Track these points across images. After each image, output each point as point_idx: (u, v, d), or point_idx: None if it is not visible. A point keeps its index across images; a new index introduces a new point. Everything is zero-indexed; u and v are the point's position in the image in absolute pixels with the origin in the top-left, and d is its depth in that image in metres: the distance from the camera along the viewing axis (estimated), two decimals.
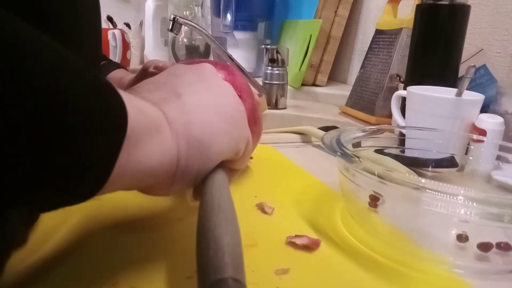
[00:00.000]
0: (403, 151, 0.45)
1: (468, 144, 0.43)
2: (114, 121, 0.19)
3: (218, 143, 0.25)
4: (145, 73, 0.43)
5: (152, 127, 0.22)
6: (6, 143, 0.14)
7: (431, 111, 0.51)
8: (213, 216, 0.22)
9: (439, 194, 0.26)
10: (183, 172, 0.23)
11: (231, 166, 0.28)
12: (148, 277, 0.26)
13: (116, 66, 0.53)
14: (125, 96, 0.20)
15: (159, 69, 0.42)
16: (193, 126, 0.24)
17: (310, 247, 0.30)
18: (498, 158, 0.41)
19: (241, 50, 1.15)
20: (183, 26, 0.76)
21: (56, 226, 0.31)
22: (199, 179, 0.25)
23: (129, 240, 0.30)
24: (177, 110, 0.24)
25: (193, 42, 1.21)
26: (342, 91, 0.93)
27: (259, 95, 0.80)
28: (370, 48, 0.82)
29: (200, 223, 0.22)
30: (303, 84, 1.02)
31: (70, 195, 0.18)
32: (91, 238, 0.30)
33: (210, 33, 1.17)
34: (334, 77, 1.12)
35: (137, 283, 0.25)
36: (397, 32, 0.74)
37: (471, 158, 0.43)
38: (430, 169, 0.45)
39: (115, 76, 0.49)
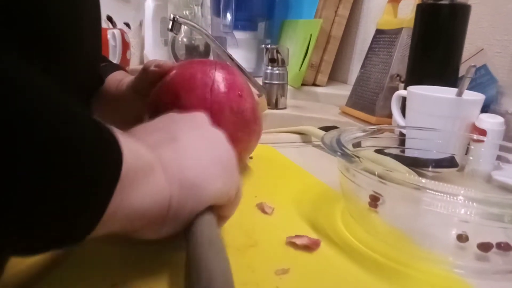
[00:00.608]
0: (403, 151, 0.45)
1: (468, 144, 0.43)
2: (110, 166, 0.19)
3: (211, 187, 0.25)
4: (145, 73, 0.43)
5: (146, 169, 0.22)
6: (5, 186, 0.14)
7: (431, 111, 0.51)
8: (204, 250, 0.22)
9: (439, 194, 0.26)
10: (175, 214, 0.24)
11: (220, 213, 0.28)
12: (148, 277, 0.26)
13: (115, 67, 0.53)
14: (122, 139, 0.20)
15: (160, 68, 0.42)
16: (187, 169, 0.25)
17: (310, 247, 0.30)
18: (498, 158, 0.41)
19: (241, 50, 1.15)
20: (183, 25, 0.76)
21: None
22: (190, 221, 0.25)
23: (129, 240, 0.30)
24: (172, 153, 0.25)
25: (193, 41, 1.21)
26: (342, 91, 0.93)
27: (259, 95, 0.80)
28: (370, 48, 0.82)
29: (190, 256, 0.23)
30: (303, 84, 1.02)
31: (60, 239, 0.18)
32: (91, 239, 0.30)
33: (210, 32, 1.17)
34: (334, 77, 1.12)
35: (136, 284, 0.25)
36: (397, 32, 0.74)
37: (471, 158, 0.43)
38: (430, 169, 0.45)
39: (114, 78, 0.49)
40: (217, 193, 0.26)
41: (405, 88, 0.59)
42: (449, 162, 0.44)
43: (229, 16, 1.12)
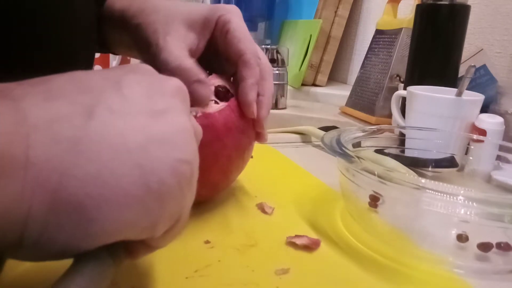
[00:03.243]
0: (403, 151, 0.45)
1: (468, 144, 0.43)
2: None
3: (115, 217, 0.15)
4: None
5: None
6: None
7: (431, 111, 0.51)
8: None
9: (439, 194, 0.26)
10: (35, 242, 0.15)
11: (143, 241, 0.19)
12: (148, 277, 0.26)
13: None
14: None
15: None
16: (75, 179, 0.15)
17: (310, 247, 0.30)
18: (498, 158, 0.41)
19: None
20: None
21: None
22: (70, 253, 0.16)
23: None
24: (60, 144, 0.15)
25: None
26: (342, 91, 0.93)
27: None
28: (370, 48, 0.82)
29: None
30: (303, 84, 1.02)
31: None
32: None
33: None
34: (334, 77, 1.12)
35: (137, 283, 0.25)
36: (397, 32, 0.74)
37: (471, 158, 0.43)
38: (430, 169, 0.45)
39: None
40: (124, 227, 0.16)
41: (404, 88, 0.59)
42: (449, 162, 0.44)
43: None
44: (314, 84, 1.04)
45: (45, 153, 0.14)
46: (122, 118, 0.16)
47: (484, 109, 0.54)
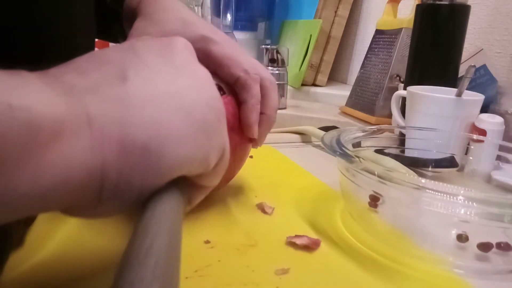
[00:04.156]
0: (403, 151, 0.45)
1: (468, 144, 0.43)
2: None
3: (175, 152, 0.18)
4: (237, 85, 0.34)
5: (42, 135, 0.14)
6: None
7: (431, 111, 0.51)
8: (134, 267, 0.15)
9: (439, 194, 0.26)
10: (115, 190, 0.17)
11: (197, 182, 0.21)
12: None
13: None
14: None
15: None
16: (134, 126, 0.17)
17: (310, 247, 0.30)
18: (498, 158, 0.41)
19: None
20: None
21: (53, 227, 0.31)
22: (144, 197, 0.18)
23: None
24: (111, 103, 0.17)
25: None
26: (342, 91, 0.93)
27: None
28: (370, 48, 0.82)
29: (116, 272, 0.15)
30: (303, 84, 1.02)
31: None
32: (90, 239, 0.30)
33: None
34: (334, 77, 1.12)
35: None
36: (397, 32, 0.74)
37: (471, 158, 0.43)
38: (430, 169, 0.45)
39: (130, 5, 0.37)
40: (185, 161, 0.18)
41: (404, 88, 0.59)
42: (449, 162, 0.44)
43: (229, 16, 1.12)
44: (314, 84, 1.04)
45: (101, 111, 0.16)
46: (151, 76, 0.18)
47: (484, 109, 0.54)
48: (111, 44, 0.50)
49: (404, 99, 0.58)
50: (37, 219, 0.31)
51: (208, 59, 0.33)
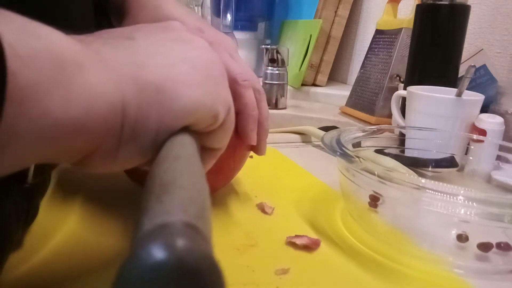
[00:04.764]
0: (403, 151, 0.45)
1: (468, 144, 0.43)
2: None
3: (187, 93, 0.18)
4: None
5: (66, 64, 0.15)
6: None
7: (431, 111, 0.51)
8: (165, 163, 0.15)
9: (439, 194, 0.26)
10: (134, 128, 0.17)
11: (207, 143, 0.21)
12: None
13: None
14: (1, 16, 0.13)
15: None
16: (147, 68, 0.18)
17: (310, 247, 0.30)
18: (498, 158, 0.41)
19: (241, 50, 1.15)
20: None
21: (53, 228, 0.31)
22: (159, 144, 0.18)
23: (128, 240, 0.30)
24: (121, 51, 0.18)
25: None
26: (342, 91, 0.93)
27: None
28: (370, 48, 0.82)
29: (146, 179, 0.15)
30: (303, 84, 1.02)
31: None
32: (90, 239, 0.30)
33: None
34: (334, 77, 1.12)
35: None
36: (397, 32, 0.74)
37: (471, 158, 0.43)
38: (430, 169, 0.45)
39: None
40: (196, 104, 0.19)
41: (404, 88, 0.59)
42: (449, 162, 0.44)
43: (229, 16, 1.12)
44: (314, 84, 1.04)
45: (111, 54, 0.17)
46: (156, 38, 0.20)
47: (484, 109, 0.54)
48: None
49: (404, 99, 0.58)
50: (37, 219, 0.31)
51: None
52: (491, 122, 0.48)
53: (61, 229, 0.31)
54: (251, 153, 0.49)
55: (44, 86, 0.14)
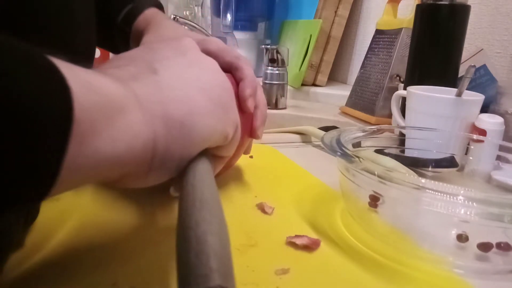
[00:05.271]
0: (403, 151, 0.45)
1: (468, 144, 0.43)
2: (54, 110, 0.14)
3: (203, 124, 0.22)
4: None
5: (113, 107, 0.18)
6: None
7: (431, 111, 0.51)
8: (194, 212, 0.19)
9: (439, 194, 0.26)
10: (162, 159, 0.21)
11: (216, 153, 0.25)
12: (147, 277, 0.26)
13: (143, 6, 0.45)
14: (70, 70, 0.16)
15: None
16: (171, 105, 0.21)
17: (310, 247, 0.30)
18: (498, 158, 0.41)
19: (241, 50, 1.15)
20: (183, 26, 0.76)
21: (53, 228, 0.31)
22: (181, 167, 0.22)
23: (128, 240, 0.30)
24: (151, 87, 0.21)
25: None
26: (342, 91, 0.93)
27: None
28: (370, 48, 0.82)
29: (180, 219, 0.19)
30: (303, 84, 1.02)
31: (12, 203, 0.15)
32: (90, 239, 0.30)
33: (210, 33, 1.17)
34: (334, 77, 1.12)
35: (136, 283, 0.25)
36: (397, 32, 0.74)
37: (471, 158, 0.43)
38: (430, 169, 0.45)
39: (138, 27, 0.44)
40: (211, 132, 0.23)
41: (404, 88, 0.59)
42: (449, 162, 0.44)
43: (229, 16, 1.12)
44: (314, 84, 1.04)
45: (144, 93, 0.20)
46: (173, 67, 0.23)
47: (484, 109, 0.54)
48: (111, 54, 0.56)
49: (404, 99, 0.58)
50: (37, 219, 0.31)
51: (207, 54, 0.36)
52: (491, 122, 0.48)
53: (61, 229, 0.31)
54: (251, 153, 0.49)
55: (98, 129, 0.17)
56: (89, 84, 0.17)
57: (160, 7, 0.47)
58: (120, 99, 0.18)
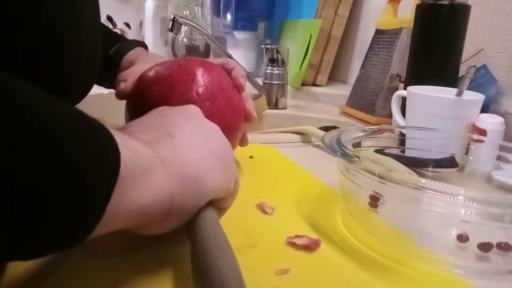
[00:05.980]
0: (403, 151, 0.45)
1: (469, 144, 0.43)
2: (108, 166, 0.19)
3: (212, 180, 0.26)
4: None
5: (146, 167, 0.22)
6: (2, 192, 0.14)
7: (431, 111, 0.51)
8: (211, 250, 0.22)
9: (439, 194, 0.26)
10: (178, 209, 0.24)
11: (219, 205, 0.29)
12: (148, 277, 0.26)
13: (133, 45, 0.54)
14: (119, 137, 0.20)
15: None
16: (186, 164, 0.25)
17: (310, 247, 0.30)
18: (499, 158, 0.41)
19: (241, 50, 1.15)
20: (183, 26, 0.76)
21: None
22: (192, 214, 0.26)
23: (128, 241, 0.30)
24: (170, 150, 0.25)
25: (193, 42, 1.21)
26: (342, 91, 0.93)
27: (259, 95, 0.80)
28: (370, 48, 0.82)
29: (197, 255, 0.23)
30: (303, 84, 1.02)
31: (60, 242, 0.18)
32: (90, 239, 0.30)
33: (210, 33, 1.17)
34: (334, 77, 1.12)
35: (137, 283, 0.25)
36: (397, 32, 0.74)
37: (471, 158, 0.43)
38: (430, 169, 0.45)
39: (128, 60, 0.52)
40: (217, 187, 0.27)
41: (405, 88, 0.59)
42: (449, 162, 0.44)
43: (229, 16, 1.12)
44: (314, 84, 1.04)
45: (165, 155, 0.24)
46: (185, 133, 0.27)
47: (484, 109, 0.54)
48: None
49: (404, 99, 0.58)
50: None
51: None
52: (492, 122, 0.48)
53: None
54: (251, 153, 0.49)
55: (134, 183, 0.21)
56: (131, 149, 0.21)
57: (146, 48, 0.56)
58: (150, 160, 0.23)
